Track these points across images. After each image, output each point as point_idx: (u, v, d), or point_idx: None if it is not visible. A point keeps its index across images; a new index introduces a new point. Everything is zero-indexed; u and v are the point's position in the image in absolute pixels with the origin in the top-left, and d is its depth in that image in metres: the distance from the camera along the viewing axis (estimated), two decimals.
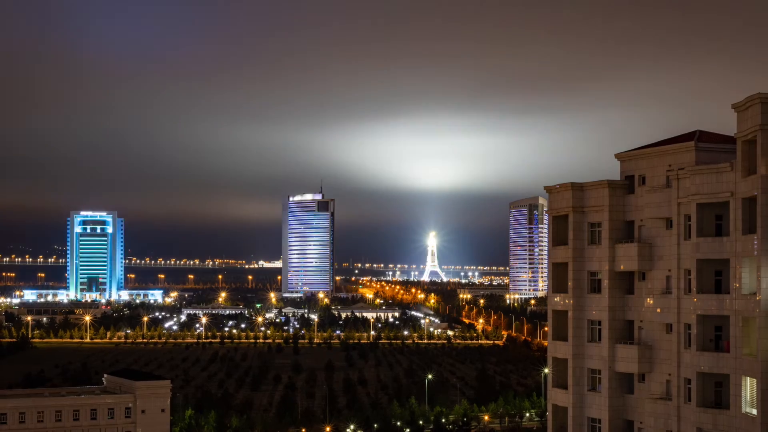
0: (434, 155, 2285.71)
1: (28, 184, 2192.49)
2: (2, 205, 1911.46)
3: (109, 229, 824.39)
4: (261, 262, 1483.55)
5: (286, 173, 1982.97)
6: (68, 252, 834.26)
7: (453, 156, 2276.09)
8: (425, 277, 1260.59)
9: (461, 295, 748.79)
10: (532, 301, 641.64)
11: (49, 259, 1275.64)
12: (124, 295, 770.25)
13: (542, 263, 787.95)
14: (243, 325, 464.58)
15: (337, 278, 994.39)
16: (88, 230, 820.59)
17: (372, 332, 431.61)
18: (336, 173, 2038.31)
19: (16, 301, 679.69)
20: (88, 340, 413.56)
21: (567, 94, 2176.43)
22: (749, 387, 60.08)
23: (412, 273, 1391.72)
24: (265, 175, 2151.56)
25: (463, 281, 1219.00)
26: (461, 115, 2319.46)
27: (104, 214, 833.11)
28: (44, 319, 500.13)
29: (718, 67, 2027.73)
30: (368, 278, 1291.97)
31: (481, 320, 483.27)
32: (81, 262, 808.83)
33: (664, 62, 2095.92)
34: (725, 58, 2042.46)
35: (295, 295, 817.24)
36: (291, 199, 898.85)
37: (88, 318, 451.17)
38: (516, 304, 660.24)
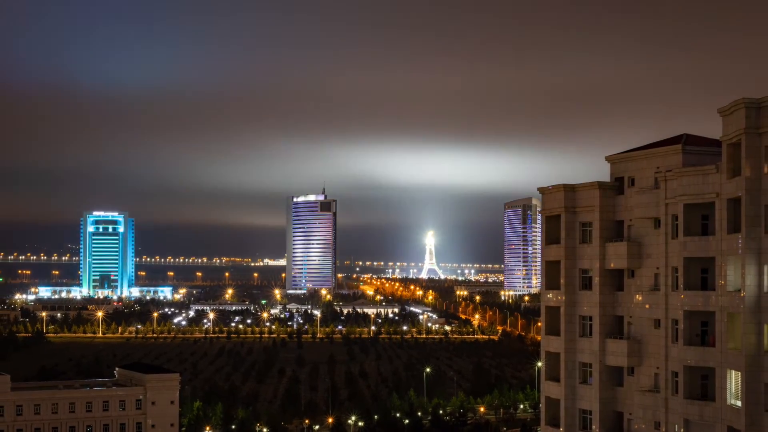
0: (432, 158, 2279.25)
1: (43, 186, 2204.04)
2: (18, 206, 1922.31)
3: (121, 229, 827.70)
4: (266, 261, 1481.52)
5: (290, 175, 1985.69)
6: (81, 251, 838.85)
7: (450, 158, 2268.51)
8: (423, 275, 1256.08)
9: (458, 292, 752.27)
10: (526, 298, 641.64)
11: (63, 258, 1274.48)
12: (135, 292, 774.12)
13: (536, 261, 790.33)
14: (249, 321, 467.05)
15: (339, 275, 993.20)
16: (101, 230, 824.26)
17: (372, 327, 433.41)
18: (338, 175, 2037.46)
19: (31, 297, 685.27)
20: (100, 334, 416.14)
21: (561, 97, 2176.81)
22: (734, 380, 61.19)
23: (411, 271, 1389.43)
24: (270, 177, 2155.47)
25: (460, 278, 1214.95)
26: (459, 116, 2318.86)
27: (116, 214, 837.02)
28: (58, 314, 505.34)
29: (705, 72, 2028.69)
30: (369, 276, 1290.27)
31: (477, 316, 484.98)
32: (93, 260, 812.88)
33: (653, 68, 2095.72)
34: (711, 64, 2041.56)
35: (298, 291, 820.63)
36: (295, 199, 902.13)
37: (100, 314, 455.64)
38: (510, 301, 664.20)
